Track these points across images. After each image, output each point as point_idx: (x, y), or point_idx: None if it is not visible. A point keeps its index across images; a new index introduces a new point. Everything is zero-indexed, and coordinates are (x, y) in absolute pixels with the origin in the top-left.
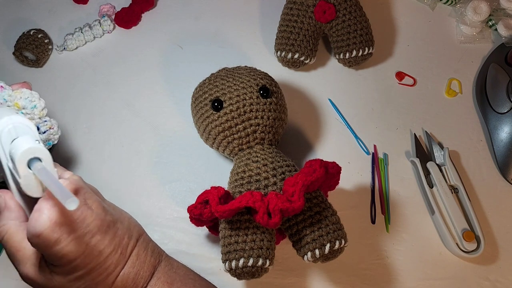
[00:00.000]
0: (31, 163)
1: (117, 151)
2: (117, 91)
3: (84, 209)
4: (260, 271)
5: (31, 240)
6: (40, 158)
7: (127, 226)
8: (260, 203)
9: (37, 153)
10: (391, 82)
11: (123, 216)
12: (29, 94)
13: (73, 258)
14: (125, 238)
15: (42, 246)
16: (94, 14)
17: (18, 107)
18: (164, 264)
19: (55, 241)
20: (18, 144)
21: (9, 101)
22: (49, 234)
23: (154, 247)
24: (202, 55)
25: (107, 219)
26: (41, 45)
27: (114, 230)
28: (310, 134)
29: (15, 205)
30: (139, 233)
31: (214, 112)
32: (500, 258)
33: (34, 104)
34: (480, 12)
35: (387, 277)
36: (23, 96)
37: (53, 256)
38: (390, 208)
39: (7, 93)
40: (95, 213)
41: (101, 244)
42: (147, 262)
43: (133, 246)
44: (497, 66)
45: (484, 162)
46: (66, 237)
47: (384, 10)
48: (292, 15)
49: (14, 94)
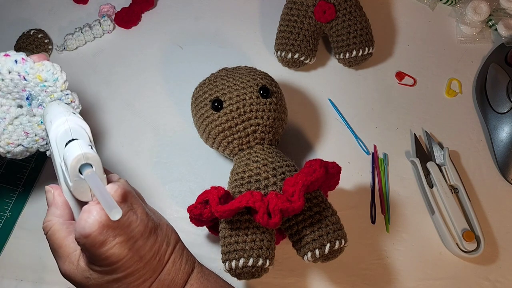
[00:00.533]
0: (83, 168)
1: (117, 151)
2: (117, 91)
3: (130, 214)
4: (260, 271)
5: (79, 239)
6: (92, 164)
7: (165, 232)
8: (260, 203)
9: (90, 159)
10: (391, 82)
11: (162, 222)
12: (51, 67)
13: (116, 261)
14: (164, 244)
15: (88, 246)
16: (94, 14)
17: (41, 80)
18: (197, 271)
19: (102, 243)
20: (72, 148)
21: (31, 74)
22: (97, 236)
23: (189, 255)
24: (202, 55)
25: (149, 225)
26: (41, 45)
27: (155, 236)
28: (310, 134)
29: (63, 202)
30: (175, 240)
31: (214, 112)
32: (500, 258)
33: (56, 77)
34: (480, 12)
35: (387, 277)
36: (45, 69)
37: (98, 256)
38: (390, 208)
39: (29, 65)
40: (140, 219)
41: (143, 249)
42: (182, 269)
43: (170, 253)
44: (497, 66)
45: (484, 162)
46: (112, 240)
47: (384, 10)
48: (292, 15)
49: (36, 67)
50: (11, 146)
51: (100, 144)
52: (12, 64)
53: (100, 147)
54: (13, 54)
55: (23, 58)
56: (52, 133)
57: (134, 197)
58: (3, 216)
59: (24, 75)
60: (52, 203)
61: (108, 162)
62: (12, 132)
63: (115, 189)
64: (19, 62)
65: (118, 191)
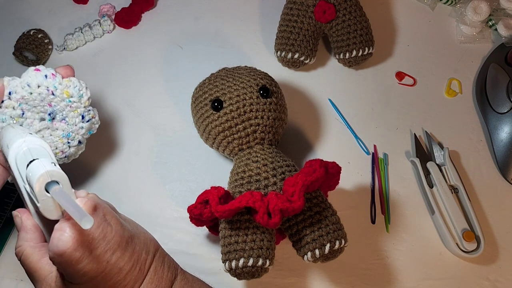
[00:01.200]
0: (49, 186)
1: (117, 151)
2: (117, 91)
3: (104, 225)
4: (260, 271)
5: (54, 259)
6: (58, 181)
7: (143, 241)
8: (260, 203)
9: (55, 176)
10: (391, 82)
11: (139, 230)
12: (77, 83)
13: (94, 276)
14: (143, 253)
15: (64, 264)
16: (94, 14)
17: (68, 95)
18: (180, 278)
19: (77, 260)
20: (35, 168)
21: (59, 89)
22: (72, 253)
23: (170, 262)
24: (202, 55)
25: (125, 235)
26: (41, 45)
27: (132, 246)
28: (310, 134)
29: (32, 225)
30: (155, 247)
31: (214, 112)
32: (500, 258)
33: (81, 93)
34: (480, 12)
35: (387, 277)
36: (72, 85)
37: (75, 274)
38: (390, 208)
39: (58, 81)
40: (114, 229)
41: (121, 261)
42: (165, 277)
43: (151, 262)
44: (497, 66)
45: (484, 162)
46: (88, 255)
47: (384, 10)
48: (292, 15)
49: (64, 82)
50: None
51: (100, 144)
52: (42, 78)
53: (100, 147)
54: (43, 69)
55: (53, 73)
56: (11, 156)
57: (105, 209)
58: (3, 216)
59: (52, 90)
60: (21, 228)
61: (108, 162)
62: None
63: (84, 202)
64: (49, 77)
65: (88, 203)
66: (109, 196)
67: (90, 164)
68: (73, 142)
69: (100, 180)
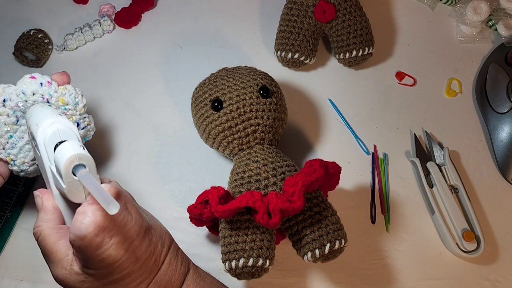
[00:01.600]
0: (76, 169)
1: (117, 151)
2: (117, 91)
3: (125, 214)
4: (260, 271)
5: (74, 242)
6: (85, 165)
7: (159, 233)
8: (260, 203)
9: (83, 159)
10: (391, 82)
11: (155, 222)
12: (73, 91)
13: (112, 262)
14: (159, 245)
15: (84, 248)
16: (94, 14)
17: (63, 103)
18: (192, 272)
19: (98, 245)
20: (64, 150)
21: (54, 97)
22: (93, 238)
23: (183, 256)
24: (202, 55)
25: (144, 225)
26: (41, 45)
27: (149, 237)
28: (310, 134)
29: (52, 207)
30: (170, 240)
31: (214, 112)
32: (500, 258)
33: (77, 101)
34: (480, 12)
35: (387, 277)
36: (68, 93)
37: (94, 259)
38: (390, 208)
39: (53, 89)
40: (134, 219)
41: (139, 250)
42: (178, 270)
43: (166, 254)
44: (497, 66)
45: (484, 162)
46: (108, 241)
47: (384, 10)
48: (292, 15)
49: (60, 90)
50: (26, 165)
51: (100, 145)
52: (37, 86)
53: (100, 147)
54: (38, 76)
55: (48, 81)
56: (40, 136)
57: (126, 197)
58: (3, 216)
59: (48, 97)
60: (41, 208)
61: (108, 162)
62: (28, 151)
63: (108, 188)
64: (44, 85)
65: (111, 190)
66: None
67: None
68: None
69: None
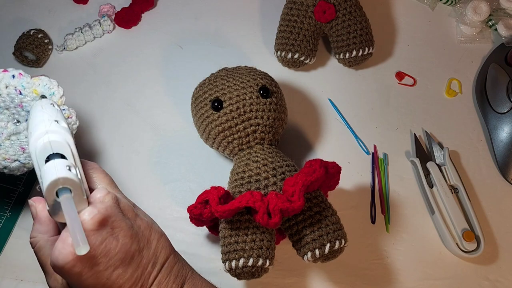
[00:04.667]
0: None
1: (117, 151)
2: (117, 91)
3: (108, 242)
4: (260, 271)
5: (54, 268)
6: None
7: (153, 251)
8: (260, 203)
9: (67, 183)
10: (391, 82)
11: (152, 237)
12: (47, 81)
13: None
14: (149, 266)
15: (63, 275)
16: (94, 14)
17: (37, 94)
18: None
19: (77, 274)
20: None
21: (27, 88)
22: (71, 269)
23: (179, 270)
24: (202, 55)
25: (132, 249)
26: (41, 45)
27: (138, 260)
28: (310, 134)
29: (46, 217)
30: (165, 256)
31: (214, 112)
32: (500, 258)
33: (52, 91)
34: (480, 12)
35: (387, 277)
36: (42, 83)
37: (74, 284)
38: (390, 208)
39: (26, 80)
40: (121, 244)
41: (122, 278)
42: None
43: (156, 275)
44: (497, 66)
45: (484, 162)
46: (87, 271)
47: (384, 10)
48: (292, 15)
49: (33, 81)
50: (7, 162)
51: (100, 144)
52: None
53: (100, 147)
54: (11, 70)
55: (20, 73)
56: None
57: (116, 221)
58: (3, 216)
59: (20, 89)
60: (36, 218)
61: (108, 162)
62: (8, 147)
63: (93, 215)
64: (16, 77)
65: (96, 217)
66: None
67: None
68: None
69: None
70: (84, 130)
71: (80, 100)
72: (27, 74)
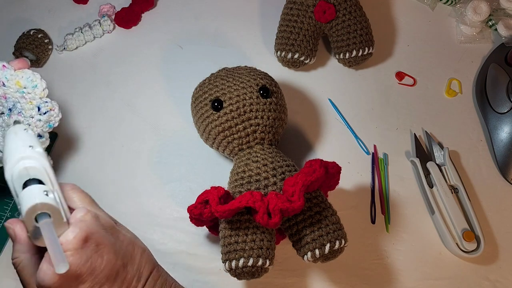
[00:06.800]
0: (39, 217)
1: (117, 151)
2: (117, 91)
3: (93, 259)
4: (260, 271)
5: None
6: (49, 214)
7: (137, 267)
8: (260, 203)
9: (46, 208)
10: (391, 82)
11: (136, 252)
12: (30, 74)
13: None
14: (134, 281)
15: None
16: (94, 14)
17: (20, 86)
18: None
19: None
20: (27, 197)
21: (10, 80)
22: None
23: (162, 283)
24: (202, 55)
25: (117, 265)
26: (41, 45)
27: (123, 275)
28: (310, 134)
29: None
30: (149, 270)
31: (214, 112)
32: (500, 258)
33: (35, 84)
34: (480, 12)
35: (387, 277)
36: (25, 76)
37: None
38: (390, 208)
39: (9, 72)
40: (105, 260)
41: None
42: None
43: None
44: (497, 66)
45: (484, 162)
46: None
47: (384, 10)
48: (292, 15)
49: (16, 73)
50: None
51: (100, 144)
52: None
53: (100, 147)
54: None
55: (4, 65)
56: (7, 173)
57: (99, 238)
58: (3, 216)
59: (3, 81)
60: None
61: (108, 162)
62: None
63: (75, 234)
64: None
65: (79, 235)
66: (109, 196)
67: (90, 164)
68: None
69: (101, 180)
70: (84, 130)
71: (80, 100)
72: (10, 66)
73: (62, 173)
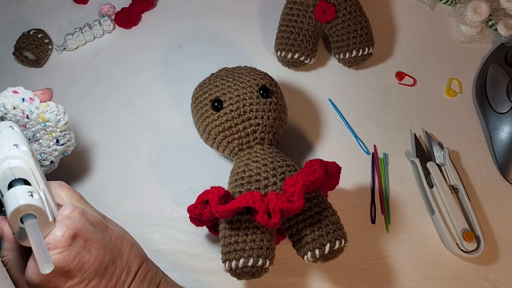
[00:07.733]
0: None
1: (117, 151)
2: (117, 91)
3: (81, 255)
4: (260, 271)
5: (30, 285)
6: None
7: (126, 260)
8: (260, 203)
9: (30, 209)
10: (391, 82)
11: (124, 246)
12: (55, 108)
13: None
14: (123, 275)
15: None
16: (94, 14)
17: (43, 120)
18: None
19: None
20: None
21: (35, 113)
22: (46, 284)
23: (152, 277)
24: (202, 55)
25: (106, 260)
26: (41, 45)
27: (112, 270)
28: (310, 134)
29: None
30: (138, 264)
31: (214, 112)
32: (500, 258)
33: (58, 118)
34: (480, 12)
35: (387, 277)
36: (49, 110)
37: None
38: (390, 208)
39: (35, 105)
40: (94, 256)
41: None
42: None
43: (130, 283)
44: (497, 66)
45: (484, 162)
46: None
47: (384, 10)
48: (292, 15)
49: (41, 107)
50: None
51: (100, 144)
52: (18, 101)
53: (100, 147)
54: (21, 91)
55: (30, 97)
56: None
57: (87, 233)
58: None
59: (28, 113)
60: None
61: (108, 162)
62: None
63: (62, 232)
64: (26, 101)
65: (66, 233)
66: (109, 196)
67: (90, 164)
68: (45, 162)
69: (100, 180)
70: (84, 130)
71: (80, 100)
72: (37, 98)
73: (62, 173)
